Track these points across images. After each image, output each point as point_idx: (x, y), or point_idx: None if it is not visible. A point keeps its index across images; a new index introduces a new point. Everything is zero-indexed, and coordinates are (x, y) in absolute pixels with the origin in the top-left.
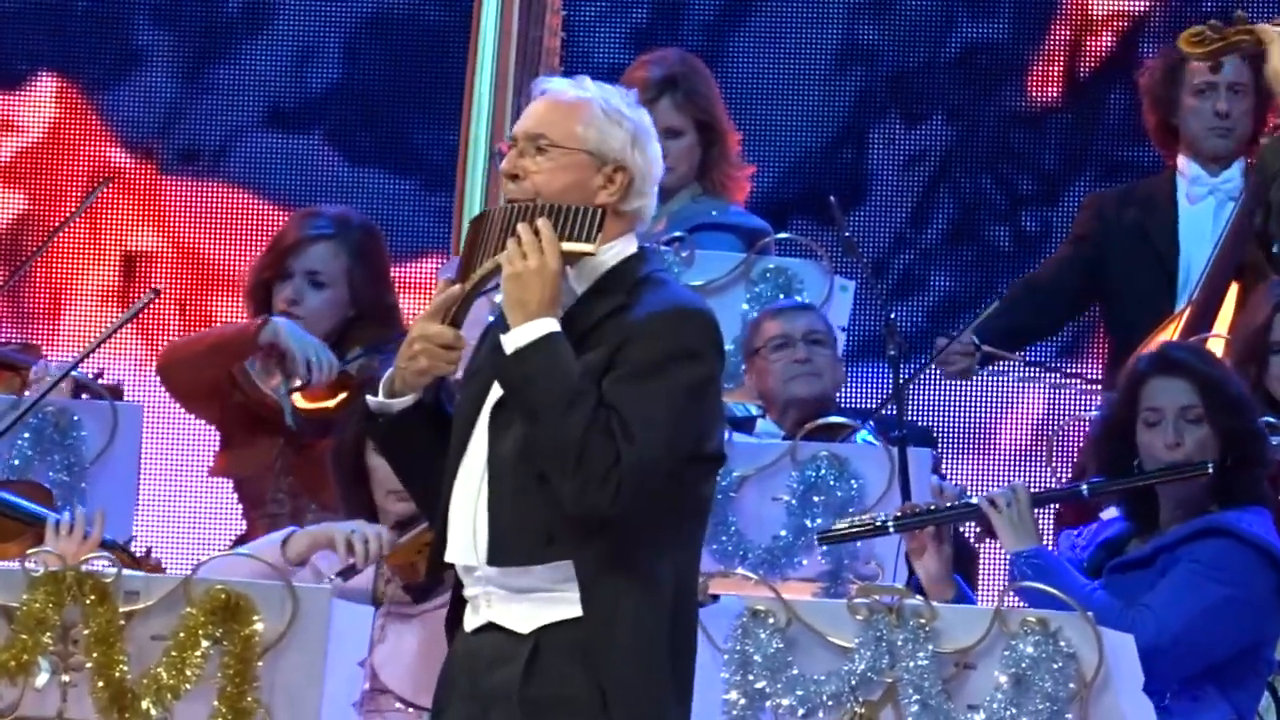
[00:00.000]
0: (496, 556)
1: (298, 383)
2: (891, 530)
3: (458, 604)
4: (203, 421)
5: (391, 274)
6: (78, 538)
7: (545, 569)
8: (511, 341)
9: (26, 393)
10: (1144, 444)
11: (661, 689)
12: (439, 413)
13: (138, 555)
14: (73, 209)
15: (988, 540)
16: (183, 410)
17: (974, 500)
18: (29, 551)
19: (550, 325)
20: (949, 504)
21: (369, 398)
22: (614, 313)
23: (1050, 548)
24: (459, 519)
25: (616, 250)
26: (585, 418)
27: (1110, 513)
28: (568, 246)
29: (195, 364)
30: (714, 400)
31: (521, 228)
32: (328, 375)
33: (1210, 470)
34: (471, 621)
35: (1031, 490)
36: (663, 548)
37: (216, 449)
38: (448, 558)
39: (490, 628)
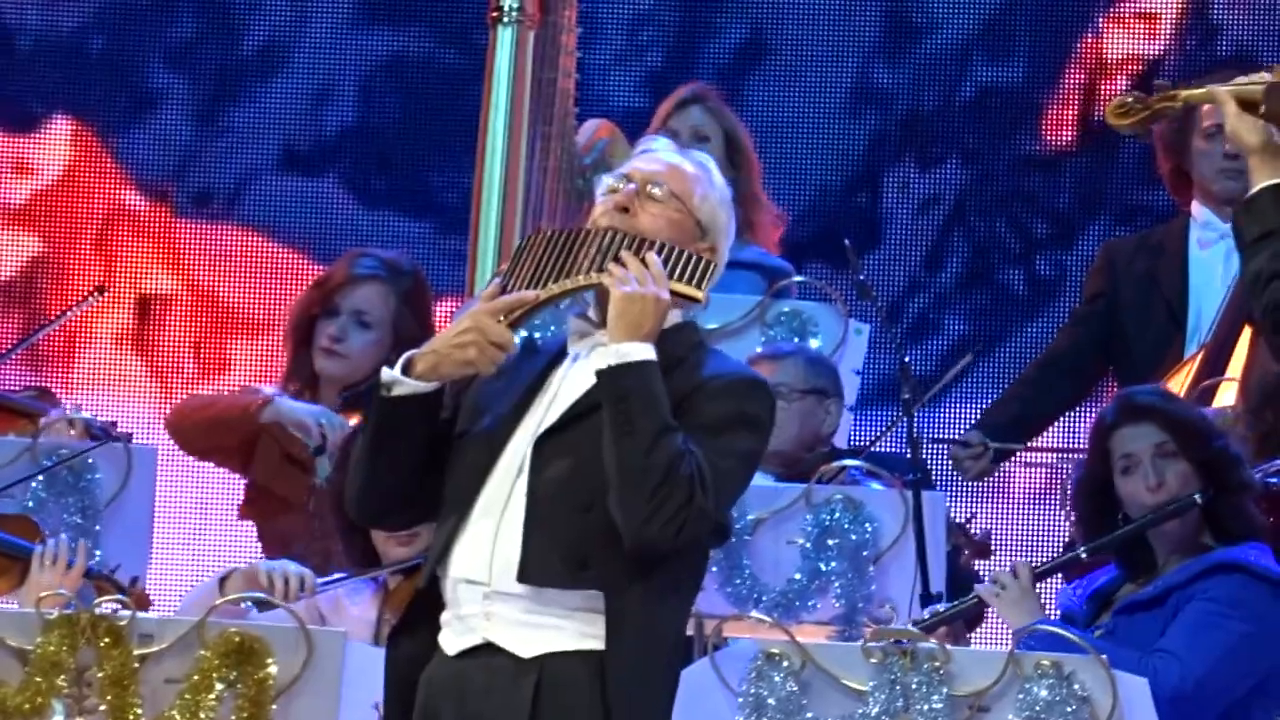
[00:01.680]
0: (528, 574)
1: (312, 446)
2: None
3: (400, 634)
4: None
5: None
6: (61, 568)
7: (568, 596)
8: (625, 353)
9: (40, 439)
10: (1126, 493)
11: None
12: (439, 410)
13: (122, 585)
14: (88, 251)
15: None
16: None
17: (977, 590)
18: (43, 596)
19: (653, 353)
20: (957, 601)
21: (385, 370)
22: (676, 365)
23: (1049, 609)
24: (478, 536)
25: (674, 317)
26: (676, 450)
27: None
28: (678, 287)
29: (200, 433)
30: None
31: (627, 256)
32: (340, 433)
33: (1199, 500)
34: (456, 644)
35: (1032, 566)
36: (675, 601)
37: (241, 493)
38: (456, 573)
39: (484, 649)
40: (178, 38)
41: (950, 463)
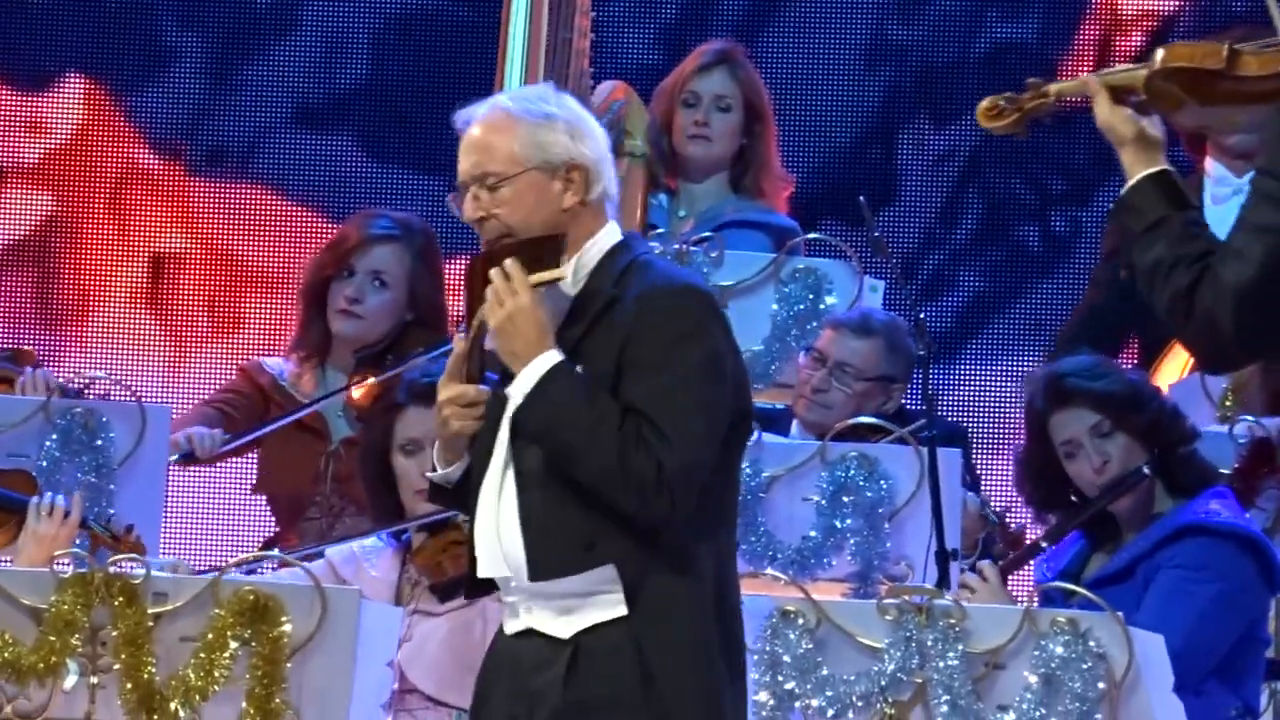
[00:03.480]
0: (538, 572)
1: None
2: None
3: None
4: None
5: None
6: (58, 519)
7: (586, 579)
8: (517, 391)
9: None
10: (1074, 474)
11: (716, 682)
12: None
13: (117, 534)
14: (102, 210)
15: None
16: None
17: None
18: (57, 554)
19: (547, 361)
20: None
21: (430, 474)
22: (606, 309)
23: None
24: (484, 535)
25: (599, 244)
26: (614, 439)
27: None
28: (537, 278)
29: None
30: (731, 371)
31: (493, 273)
32: (212, 447)
33: (1147, 472)
34: (511, 626)
35: (998, 563)
36: (702, 537)
37: (256, 467)
38: (481, 573)
39: (530, 633)
40: None
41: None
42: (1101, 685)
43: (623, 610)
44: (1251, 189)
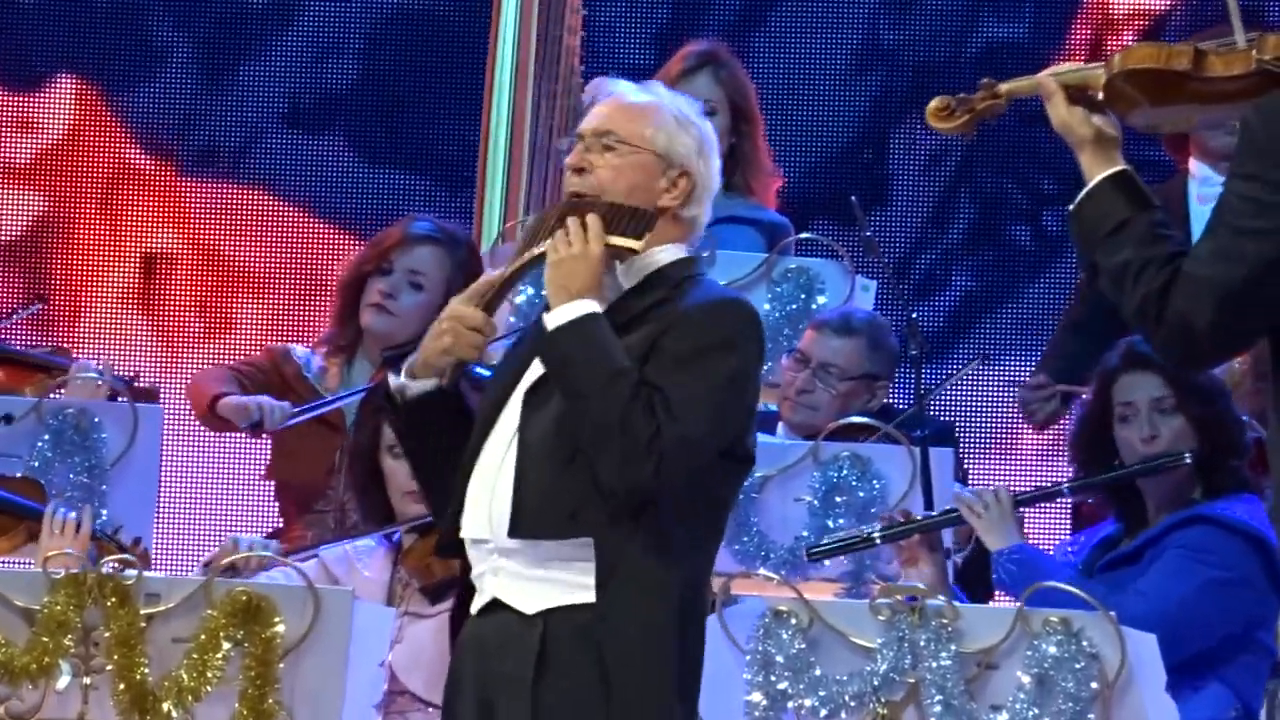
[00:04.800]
0: (519, 528)
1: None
2: (879, 542)
3: (464, 600)
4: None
5: None
6: (69, 534)
7: (561, 548)
8: (553, 320)
9: (62, 393)
10: (1121, 440)
11: (664, 690)
12: (459, 403)
13: (125, 545)
14: (93, 210)
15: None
16: None
17: (957, 500)
18: (49, 555)
19: (591, 306)
20: (936, 512)
21: (390, 376)
22: (656, 305)
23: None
24: (479, 493)
25: (668, 253)
26: (626, 394)
27: None
28: (614, 240)
29: (204, 422)
30: (752, 396)
31: (570, 220)
32: (281, 416)
33: (1188, 459)
34: (477, 602)
35: (1014, 492)
36: (680, 549)
37: (238, 452)
38: (463, 532)
39: (495, 606)
40: None
41: (1019, 407)
42: (1094, 685)
43: (590, 596)
44: (1226, 191)
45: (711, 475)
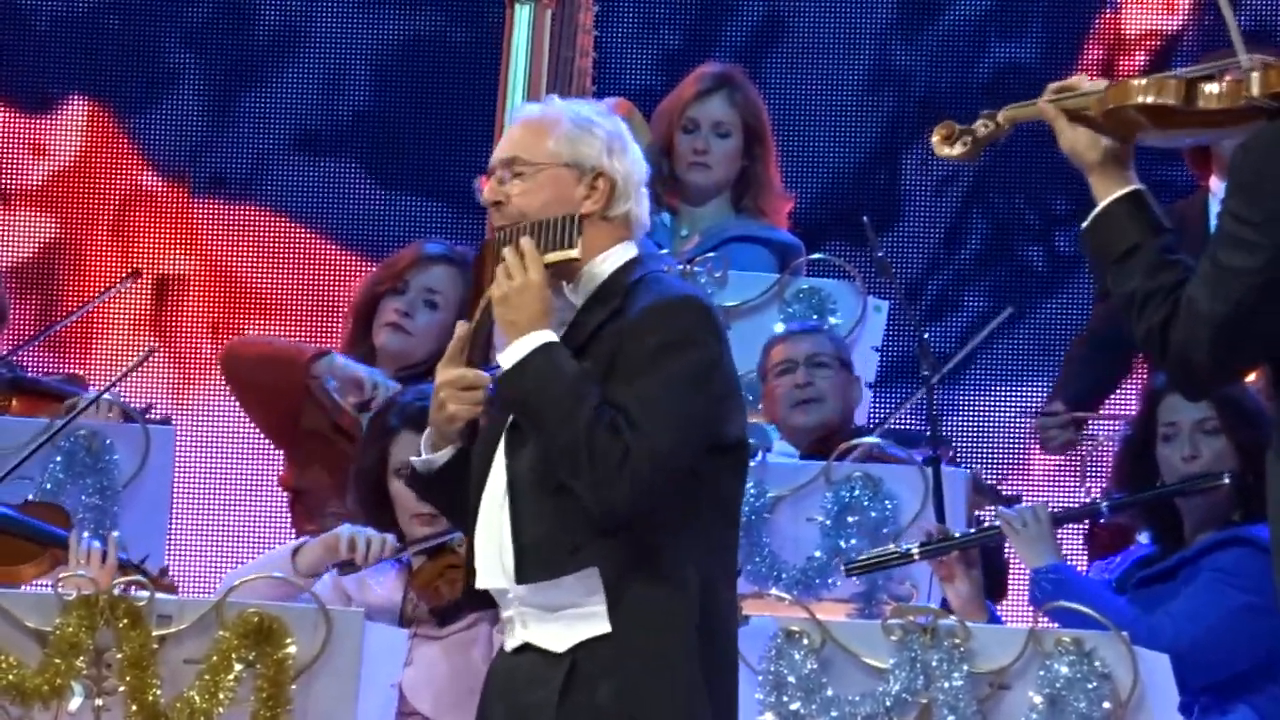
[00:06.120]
0: (524, 574)
1: (359, 401)
2: (917, 558)
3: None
4: (245, 433)
5: None
6: (95, 563)
7: (575, 583)
8: (506, 359)
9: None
10: (1163, 459)
11: (692, 704)
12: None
13: (150, 574)
14: (105, 233)
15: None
16: (220, 428)
17: (996, 523)
18: (62, 577)
19: (542, 336)
20: (970, 529)
21: (414, 460)
22: (610, 319)
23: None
24: (485, 543)
25: (612, 259)
26: (588, 418)
27: (1144, 539)
28: (550, 257)
29: (251, 364)
30: (721, 386)
31: (506, 251)
32: (385, 395)
33: (1227, 480)
34: (510, 642)
35: (1052, 509)
36: (686, 553)
37: (255, 469)
38: (478, 584)
39: (527, 648)
40: (193, 18)
41: (1037, 432)
42: (1106, 705)
43: (606, 626)
44: (1220, 222)
45: (700, 476)
